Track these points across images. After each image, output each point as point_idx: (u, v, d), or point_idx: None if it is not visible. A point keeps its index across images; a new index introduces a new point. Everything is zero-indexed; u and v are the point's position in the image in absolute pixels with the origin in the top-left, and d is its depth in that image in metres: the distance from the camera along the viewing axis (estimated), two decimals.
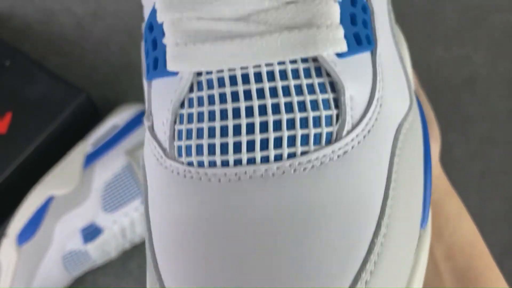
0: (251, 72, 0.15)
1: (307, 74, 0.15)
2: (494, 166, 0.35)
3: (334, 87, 0.15)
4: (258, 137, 0.14)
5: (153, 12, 0.16)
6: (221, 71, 0.15)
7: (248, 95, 0.15)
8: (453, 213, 0.22)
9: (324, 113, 0.15)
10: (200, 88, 0.15)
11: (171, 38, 0.15)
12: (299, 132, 0.14)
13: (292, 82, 0.15)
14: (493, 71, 0.37)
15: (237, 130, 0.14)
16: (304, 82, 0.15)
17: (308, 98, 0.15)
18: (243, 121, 0.14)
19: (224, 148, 0.14)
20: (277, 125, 0.14)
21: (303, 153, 0.14)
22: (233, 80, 0.15)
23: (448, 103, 0.37)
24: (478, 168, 0.35)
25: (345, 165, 0.14)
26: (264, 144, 0.14)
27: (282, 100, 0.14)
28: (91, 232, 0.31)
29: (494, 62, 0.38)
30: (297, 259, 0.13)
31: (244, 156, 0.14)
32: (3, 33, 0.38)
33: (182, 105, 0.15)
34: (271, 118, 0.14)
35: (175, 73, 0.15)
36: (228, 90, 0.15)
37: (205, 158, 0.15)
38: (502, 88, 0.37)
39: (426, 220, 0.16)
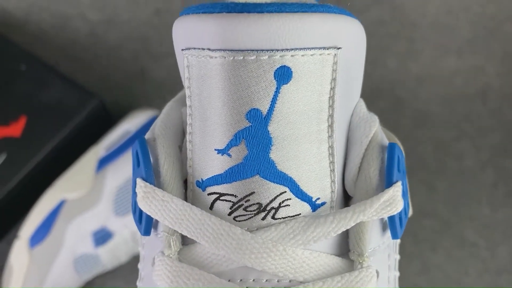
0: None
1: None
2: (506, 176, 0.35)
3: None
4: None
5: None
6: None
7: None
8: None
9: None
10: None
11: None
12: None
13: None
14: (506, 82, 0.37)
15: None
16: None
17: None
18: None
19: None
20: None
21: None
22: None
23: (460, 113, 0.37)
24: (490, 178, 0.35)
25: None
26: None
27: None
28: (102, 236, 0.31)
29: (506, 73, 0.37)
30: None
31: None
32: (19, 38, 0.39)
33: None
34: None
35: None
36: None
37: None
38: None
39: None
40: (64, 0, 0.40)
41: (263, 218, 0.16)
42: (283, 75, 0.15)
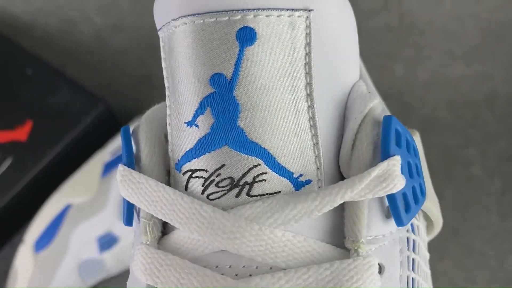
0: None
1: None
2: None
3: None
4: None
5: None
6: None
7: None
8: None
9: None
10: None
11: None
12: None
13: None
14: None
15: None
16: None
17: None
18: None
19: None
20: None
21: None
22: None
23: (467, 120, 0.37)
24: (498, 185, 0.35)
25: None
26: None
27: None
28: (107, 241, 0.31)
29: None
30: None
31: None
32: (26, 42, 0.39)
33: None
34: None
35: None
36: None
37: None
38: None
39: None
40: (70, 4, 0.40)
41: (237, 195, 0.15)
42: (246, 36, 0.14)
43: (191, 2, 0.15)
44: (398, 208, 0.15)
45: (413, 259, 0.17)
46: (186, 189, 0.16)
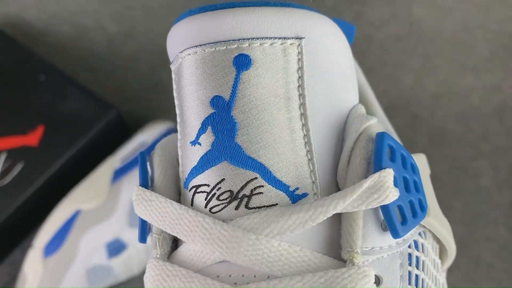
0: None
1: None
2: None
3: None
4: None
5: None
6: None
7: None
8: None
9: None
10: None
11: None
12: None
13: None
14: None
15: None
16: None
17: None
18: None
19: None
20: None
21: None
22: None
23: (476, 131, 0.37)
24: (507, 198, 0.35)
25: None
26: None
27: None
28: (116, 248, 0.31)
29: None
30: None
31: None
32: (39, 49, 0.40)
33: None
34: None
35: None
36: None
37: None
38: None
39: None
40: (83, 12, 0.41)
41: (237, 207, 0.16)
42: (242, 62, 0.16)
43: (194, 35, 0.16)
44: (392, 219, 0.16)
45: (416, 275, 0.17)
46: (192, 204, 0.17)
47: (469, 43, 0.38)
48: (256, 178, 0.16)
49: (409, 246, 0.17)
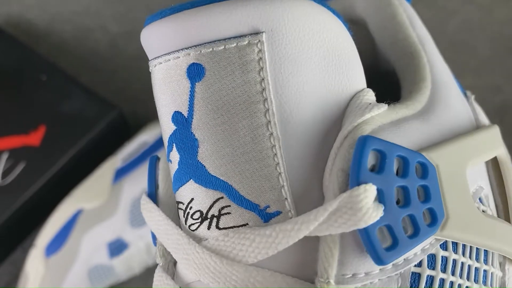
0: None
1: None
2: None
3: None
4: None
5: None
6: None
7: None
8: None
9: None
10: None
11: None
12: None
13: None
14: None
15: None
16: None
17: None
18: None
19: None
20: None
21: None
22: None
23: None
24: None
25: None
26: None
27: None
28: (117, 247, 0.31)
29: None
30: None
31: None
32: (41, 48, 0.40)
33: None
34: None
35: None
36: None
37: None
38: None
39: None
40: (86, 12, 0.41)
41: (208, 227, 0.15)
42: (195, 72, 0.14)
43: (152, 46, 0.15)
44: (372, 244, 0.13)
45: None
46: (179, 218, 0.16)
47: (471, 44, 0.38)
48: (222, 197, 0.15)
49: (419, 265, 0.15)
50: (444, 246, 0.15)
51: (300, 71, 0.14)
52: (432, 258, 0.15)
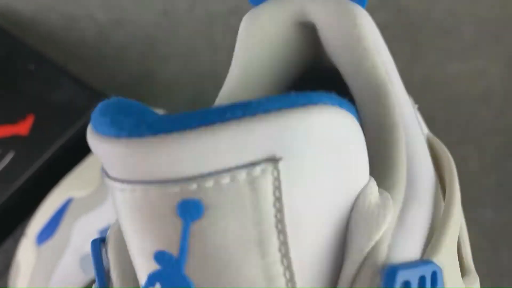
0: None
1: None
2: (510, 179, 0.35)
3: None
4: None
5: None
6: None
7: None
8: None
9: None
10: None
11: None
12: None
13: None
14: (509, 85, 0.38)
15: None
16: None
17: None
18: None
19: None
20: None
21: None
22: None
23: (463, 116, 0.37)
24: (494, 181, 0.35)
25: None
26: None
27: None
28: None
29: (510, 77, 0.38)
30: None
31: None
32: (28, 38, 0.39)
33: None
34: None
35: None
36: None
37: None
38: None
39: None
40: (72, 1, 0.40)
41: None
42: (190, 210, 0.11)
43: (124, 168, 0.11)
44: None
45: None
46: None
47: (456, 29, 0.38)
48: None
49: None
50: None
51: (315, 193, 0.12)
52: None
